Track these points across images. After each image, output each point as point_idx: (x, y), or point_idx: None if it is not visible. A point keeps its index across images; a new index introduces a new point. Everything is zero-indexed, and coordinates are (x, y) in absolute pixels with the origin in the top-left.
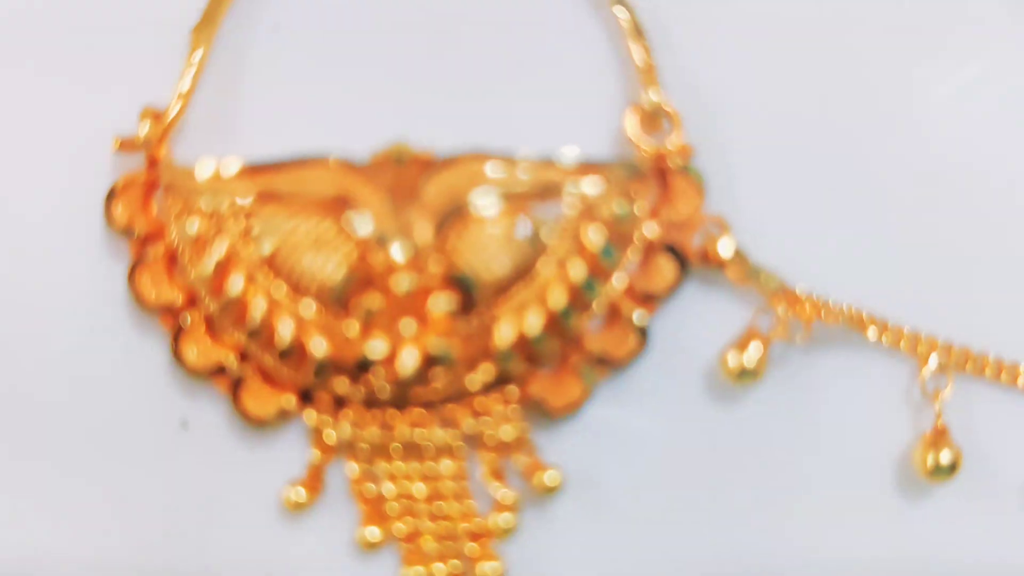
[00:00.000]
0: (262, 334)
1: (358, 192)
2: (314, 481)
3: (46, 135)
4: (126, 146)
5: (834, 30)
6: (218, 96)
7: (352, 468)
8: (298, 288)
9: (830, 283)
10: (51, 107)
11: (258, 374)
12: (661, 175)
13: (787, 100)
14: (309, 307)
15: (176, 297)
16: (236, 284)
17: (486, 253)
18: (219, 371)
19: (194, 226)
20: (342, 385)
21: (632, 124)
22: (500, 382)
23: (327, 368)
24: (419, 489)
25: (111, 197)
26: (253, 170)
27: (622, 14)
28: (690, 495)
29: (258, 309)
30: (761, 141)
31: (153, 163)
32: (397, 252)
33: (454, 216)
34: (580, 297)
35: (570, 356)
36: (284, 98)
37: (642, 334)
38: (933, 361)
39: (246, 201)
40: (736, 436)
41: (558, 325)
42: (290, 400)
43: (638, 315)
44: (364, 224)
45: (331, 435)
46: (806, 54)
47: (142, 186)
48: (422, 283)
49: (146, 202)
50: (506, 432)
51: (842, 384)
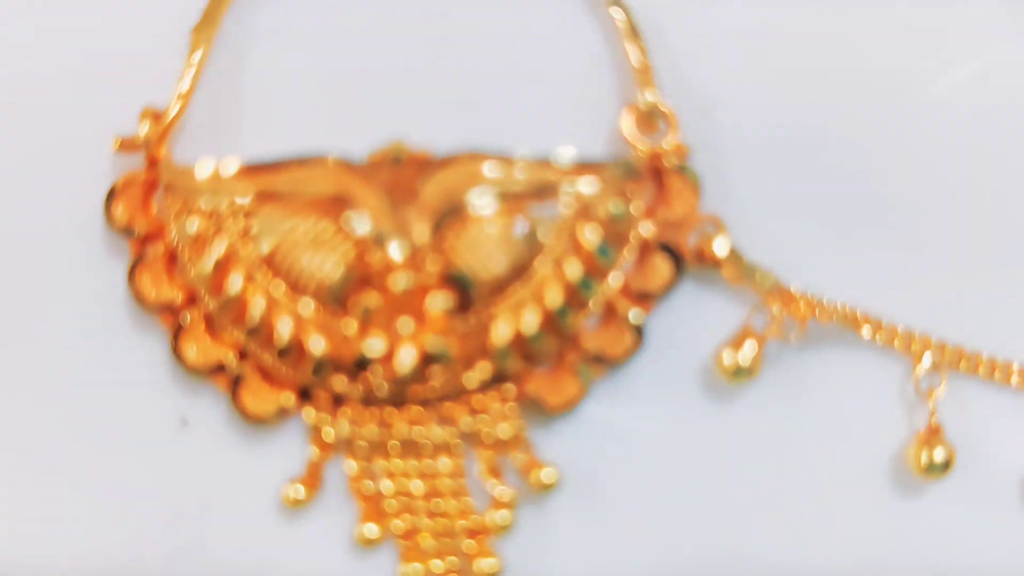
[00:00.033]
0: (261, 332)
1: (356, 191)
2: (313, 478)
3: (46, 135)
4: (126, 146)
5: (830, 30)
6: (218, 96)
7: (350, 465)
8: (297, 287)
9: (824, 282)
10: (51, 107)
11: (257, 372)
12: (657, 175)
13: (782, 100)
14: (308, 306)
15: (176, 296)
16: (235, 283)
17: (483, 252)
18: (218, 369)
19: (194, 225)
20: (340, 383)
21: (628, 124)
22: (497, 380)
23: (326, 366)
24: (417, 486)
25: (111, 197)
26: (252, 170)
27: (618, 15)
28: (686, 492)
29: (257, 308)
30: (756, 141)
31: (153, 163)
32: (395, 251)
33: (451, 215)
34: (576, 296)
35: (567, 354)
36: (283, 98)
37: (638, 332)
38: (927, 360)
39: (245, 200)
40: (731, 434)
41: (555, 324)
42: (289, 398)
43: (634, 314)
44: (362, 223)
45: (330, 433)
46: (802, 54)
47: (142, 186)
48: (420, 282)
49: (146, 202)
50: (503, 430)
51: (836, 382)
